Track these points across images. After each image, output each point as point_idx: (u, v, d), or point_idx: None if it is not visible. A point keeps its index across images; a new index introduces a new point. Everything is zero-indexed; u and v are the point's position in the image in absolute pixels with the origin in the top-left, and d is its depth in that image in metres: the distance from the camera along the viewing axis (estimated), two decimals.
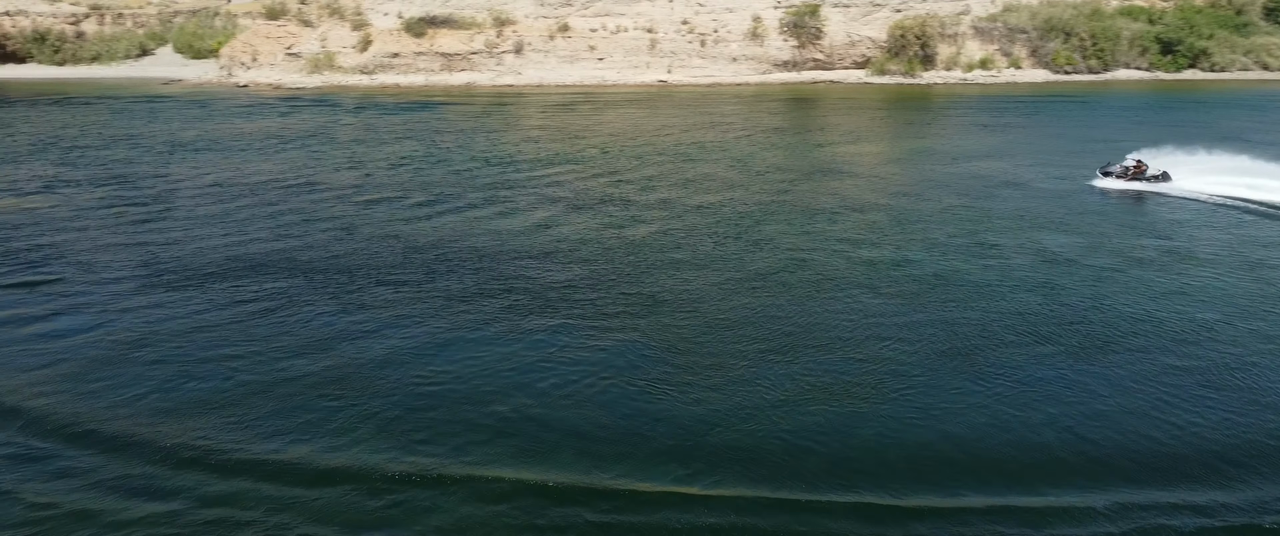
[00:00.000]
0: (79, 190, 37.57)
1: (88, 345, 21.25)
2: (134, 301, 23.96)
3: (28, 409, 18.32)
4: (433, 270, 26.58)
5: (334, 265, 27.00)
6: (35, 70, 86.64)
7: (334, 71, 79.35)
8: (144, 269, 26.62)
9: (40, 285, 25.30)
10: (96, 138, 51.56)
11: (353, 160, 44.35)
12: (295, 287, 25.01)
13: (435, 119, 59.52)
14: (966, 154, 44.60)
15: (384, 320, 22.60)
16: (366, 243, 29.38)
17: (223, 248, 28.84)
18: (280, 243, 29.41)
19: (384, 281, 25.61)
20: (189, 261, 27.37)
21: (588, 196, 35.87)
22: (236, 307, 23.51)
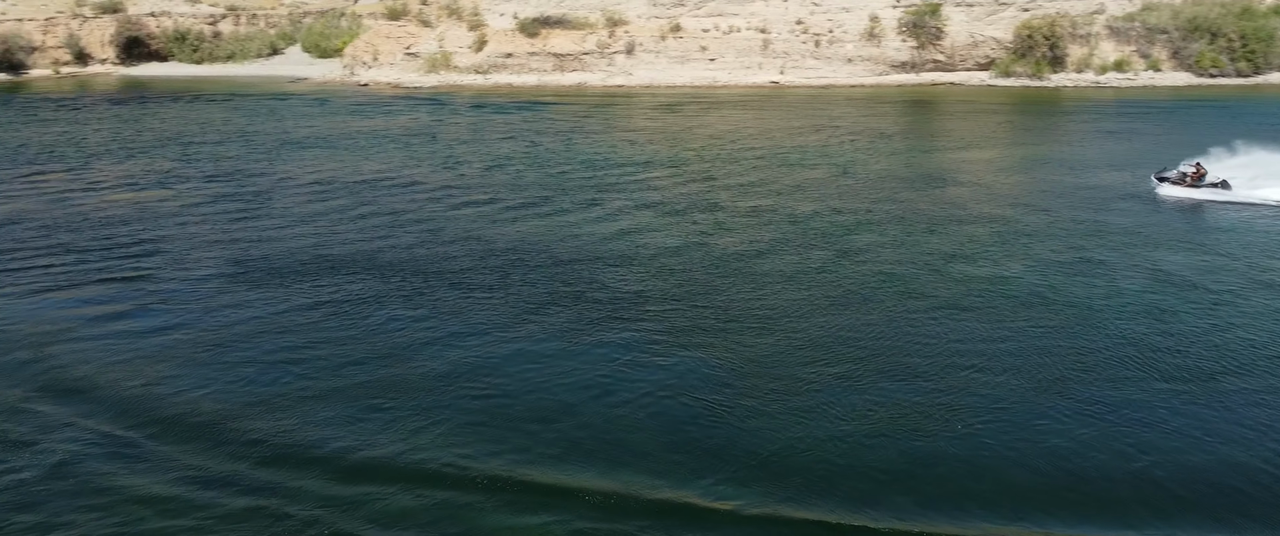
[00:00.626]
0: (189, 185, 39.05)
1: (168, 341, 21.80)
2: (218, 299, 24.51)
3: (108, 401, 18.87)
4: (508, 274, 26.35)
5: (413, 266, 27.08)
6: (175, 68, 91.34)
7: (450, 71, 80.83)
8: (232, 266, 27.26)
9: (133, 280, 26.16)
10: (217, 133, 53.70)
11: (450, 160, 44.76)
12: (373, 288, 25.18)
13: (540, 119, 59.78)
14: (1088, 163, 41.85)
15: (455, 324, 22.52)
16: (448, 244, 29.40)
17: (309, 246, 29.32)
18: (365, 242, 29.73)
19: (460, 284, 25.54)
20: (275, 259, 27.91)
21: (677, 202, 35.11)
22: (313, 306, 23.79)
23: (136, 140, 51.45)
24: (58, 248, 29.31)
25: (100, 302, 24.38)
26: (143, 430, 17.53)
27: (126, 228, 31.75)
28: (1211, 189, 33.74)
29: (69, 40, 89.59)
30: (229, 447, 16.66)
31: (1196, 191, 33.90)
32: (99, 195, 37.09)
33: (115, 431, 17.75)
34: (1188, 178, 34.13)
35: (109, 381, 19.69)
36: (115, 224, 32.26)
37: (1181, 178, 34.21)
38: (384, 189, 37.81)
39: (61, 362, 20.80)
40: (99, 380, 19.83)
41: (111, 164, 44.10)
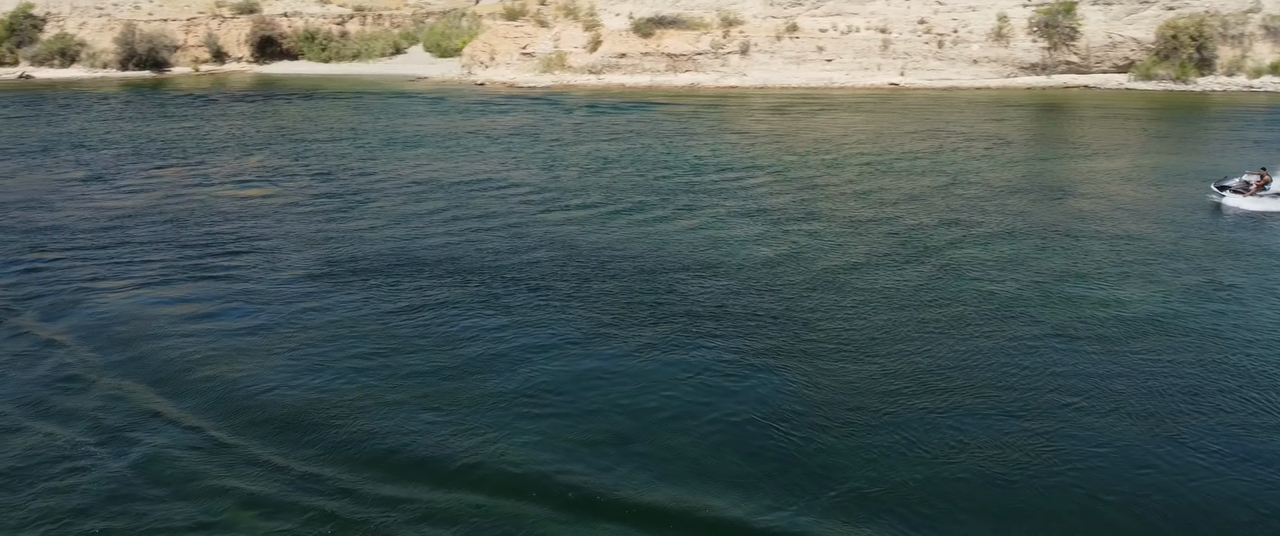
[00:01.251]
0: (294, 182, 39.88)
1: (252, 341, 21.98)
2: (303, 300, 24.65)
3: (192, 397, 19.12)
4: (591, 282, 25.74)
5: (497, 271, 26.78)
6: (304, 66, 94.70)
7: (564, 71, 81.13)
8: (322, 265, 27.45)
9: (225, 279, 26.57)
10: (330, 131, 55.04)
11: (549, 161, 44.52)
12: (454, 293, 24.97)
13: (647, 120, 59.15)
14: (1232, 176, 38.54)
15: (534, 334, 22.06)
16: (534, 249, 28.97)
17: (398, 248, 29.34)
18: (452, 245, 29.57)
19: (541, 290, 25.11)
20: (364, 260, 27.99)
21: (774, 209, 33.85)
22: (394, 311, 23.68)
23: (254, 136, 53.17)
24: (161, 243, 30.12)
25: (193, 300, 24.78)
26: (223, 427, 17.71)
27: (228, 225, 32.48)
28: (1276, 198, 31.48)
29: (208, 39, 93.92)
30: (302, 449, 16.67)
31: (1263, 202, 31.43)
32: (208, 191, 38.23)
33: (197, 426, 17.96)
34: (1252, 186, 31.73)
35: (194, 379, 19.89)
36: (218, 220, 33.06)
37: (1244, 186, 31.80)
38: (479, 190, 37.76)
39: (150, 358, 21.14)
40: (184, 377, 20.06)
41: (226, 159, 45.56)
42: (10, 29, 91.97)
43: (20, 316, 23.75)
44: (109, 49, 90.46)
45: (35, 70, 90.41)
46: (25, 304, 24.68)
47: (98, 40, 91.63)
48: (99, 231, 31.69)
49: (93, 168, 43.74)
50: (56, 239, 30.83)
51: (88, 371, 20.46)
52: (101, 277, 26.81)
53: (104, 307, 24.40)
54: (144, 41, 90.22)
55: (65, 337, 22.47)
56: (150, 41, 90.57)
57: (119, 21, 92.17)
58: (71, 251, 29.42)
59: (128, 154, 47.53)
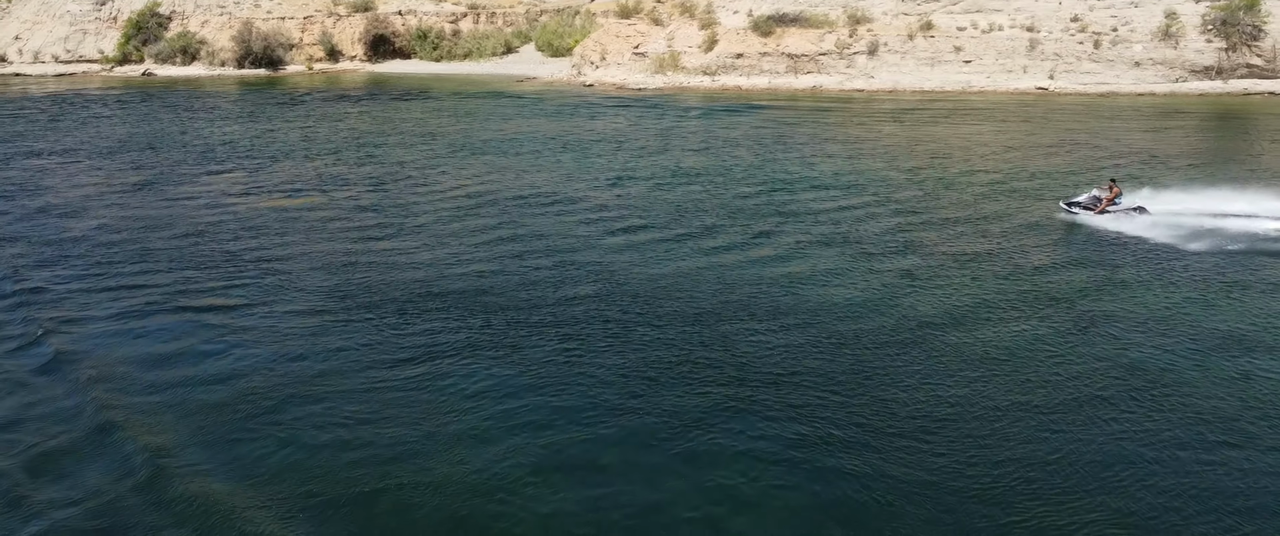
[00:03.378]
0: (343, 191, 36.40)
1: (226, 392, 18.27)
2: (294, 341, 20.82)
3: (105, 464, 15.59)
4: (633, 325, 21.15)
5: (526, 308, 22.47)
6: (415, 65, 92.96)
7: (677, 72, 76.26)
8: (331, 295, 23.63)
9: (222, 310, 22.80)
10: (408, 133, 51.72)
11: (623, 172, 39.70)
12: (470, 336, 20.88)
13: (751, 126, 53.62)
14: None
15: (554, 395, 17.89)
16: (577, 280, 24.42)
17: (423, 274, 25.24)
18: (486, 273, 25.20)
19: (574, 334, 20.74)
20: (381, 289, 23.98)
21: (867, 240, 28.13)
22: (394, 359, 19.76)
23: (328, 139, 50.30)
24: (173, 261, 26.72)
25: (169, 338, 21.02)
26: (150, 496, 14.58)
27: (253, 240, 28.93)
28: (1127, 214, 29.31)
29: (323, 37, 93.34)
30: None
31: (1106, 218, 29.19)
32: (253, 200, 35.05)
33: (117, 493, 14.84)
34: (1101, 201, 29.61)
35: (126, 441, 16.32)
36: (246, 235, 29.60)
37: (1094, 202, 29.70)
38: (536, 206, 33.27)
39: (85, 412, 17.55)
40: (116, 434, 16.56)
41: (288, 164, 42.59)
42: (137, 26, 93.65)
43: None
44: (227, 47, 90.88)
45: (158, 68, 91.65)
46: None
47: (217, 38, 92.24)
48: (118, 244, 28.65)
49: (151, 170, 41.47)
50: (71, 252, 27.92)
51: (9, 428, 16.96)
52: (90, 303, 23.48)
53: (71, 343, 20.96)
54: (260, 40, 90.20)
55: (22, 376, 19.21)
56: (266, 40, 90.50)
57: (238, 20, 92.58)
58: (77, 268, 26.38)
59: (194, 155, 45.26)
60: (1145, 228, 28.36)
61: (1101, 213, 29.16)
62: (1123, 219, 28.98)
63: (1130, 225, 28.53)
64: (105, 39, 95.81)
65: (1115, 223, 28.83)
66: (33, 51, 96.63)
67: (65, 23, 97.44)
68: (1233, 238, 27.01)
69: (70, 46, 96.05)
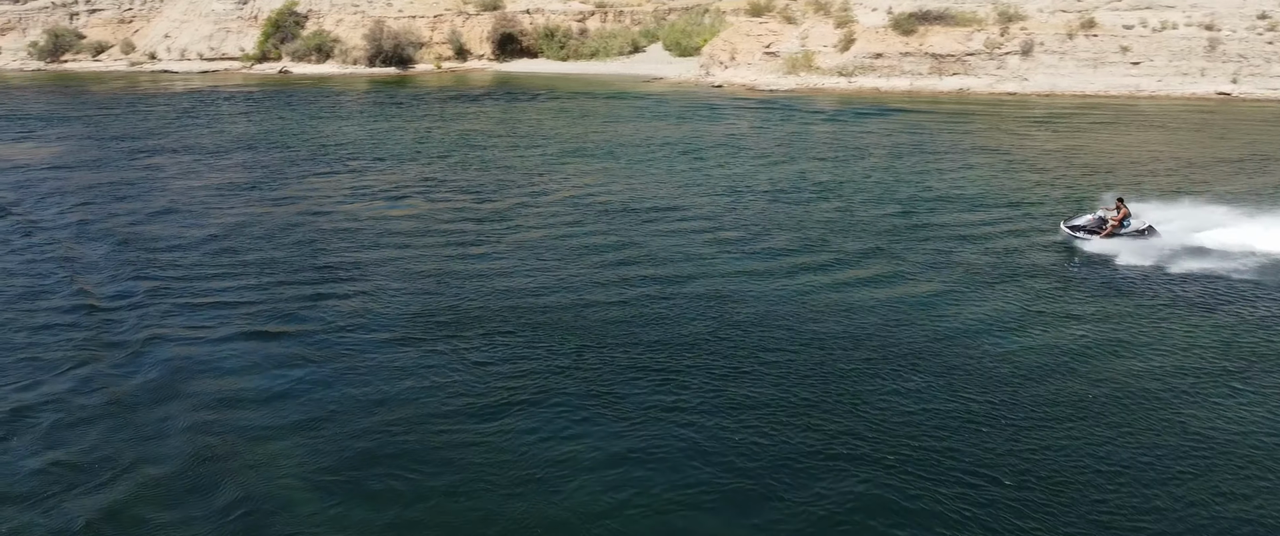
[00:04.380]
0: (447, 196, 34.52)
1: (277, 425, 16.37)
2: (371, 373, 18.77)
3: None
4: (740, 370, 18.02)
5: (623, 343, 20.00)
6: (541, 65, 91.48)
7: (810, 72, 72.09)
8: (418, 318, 21.67)
9: (290, 335, 20.62)
10: (522, 137, 49.51)
11: (738, 181, 36.39)
12: (560, 379, 18.09)
13: (889, 131, 49.21)
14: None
15: (649, 459, 15.05)
16: (680, 311, 21.52)
17: (518, 297, 22.86)
18: (583, 298, 22.49)
19: (673, 379, 17.95)
20: (471, 312, 21.82)
21: (1016, 272, 24.05)
22: (474, 402, 17.54)
23: (441, 141, 48.58)
24: (262, 273, 24.90)
25: (247, 362, 19.18)
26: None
27: (345, 252, 26.92)
28: (1136, 236, 25.84)
29: (452, 36, 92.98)
30: None
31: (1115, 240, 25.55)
32: (353, 206, 33.19)
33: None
34: (1108, 223, 26.12)
35: (184, 479, 14.55)
36: (340, 246, 27.62)
37: (1099, 224, 26.25)
38: (646, 219, 30.24)
39: (161, 446, 15.72)
40: (179, 475, 14.75)
41: (394, 167, 40.85)
42: (275, 25, 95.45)
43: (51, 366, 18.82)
44: (359, 46, 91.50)
45: (294, 65, 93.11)
46: (76, 347, 19.96)
47: (350, 37, 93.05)
48: (211, 253, 27.02)
49: (260, 171, 40.42)
50: (162, 259, 26.54)
51: (73, 454, 15.29)
52: (168, 319, 21.74)
53: (146, 361, 19.26)
54: (390, 38, 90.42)
55: (82, 400, 17.47)
56: (397, 38, 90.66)
57: (370, 18, 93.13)
58: (164, 276, 24.94)
59: (306, 156, 44.17)
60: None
61: (1109, 236, 25.73)
62: (1137, 244, 25.44)
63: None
64: (246, 37, 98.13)
65: (1119, 246, 25.31)
66: (180, 49, 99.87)
67: (210, 21, 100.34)
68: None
69: (213, 44, 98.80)
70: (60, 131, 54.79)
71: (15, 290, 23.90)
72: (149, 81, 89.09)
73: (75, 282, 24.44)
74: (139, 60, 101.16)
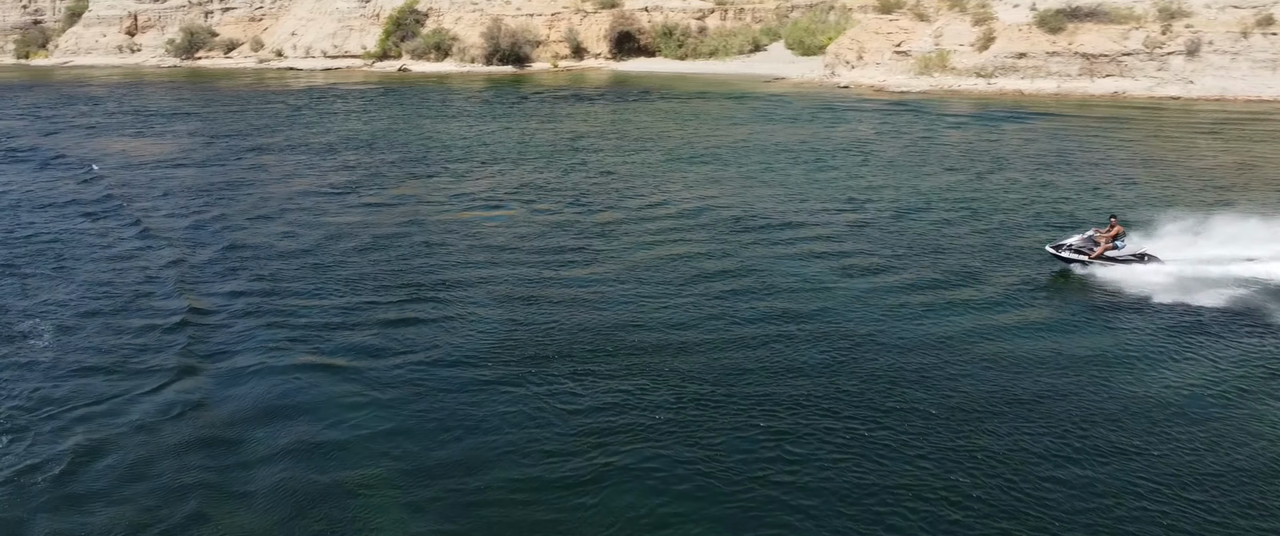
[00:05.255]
0: (546, 203, 32.44)
1: (350, 470, 14.23)
2: (459, 405, 16.76)
3: None
4: (870, 418, 14.87)
5: (739, 378, 17.67)
6: (658, 63, 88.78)
7: (945, 73, 67.22)
8: (509, 342, 19.76)
9: (380, 353, 18.60)
10: (632, 139, 46.79)
11: (869, 193, 32.99)
12: (664, 417, 16.15)
13: (1032, 136, 44.49)
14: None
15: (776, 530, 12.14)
16: (802, 344, 19.03)
17: (617, 317, 20.77)
18: (690, 320, 20.32)
19: (797, 429, 15.35)
20: (568, 336, 19.97)
21: (1189, 311, 19.65)
22: (574, 449, 15.03)
23: (548, 142, 46.33)
24: (346, 288, 23.00)
25: (315, 388, 17.33)
26: None
27: (436, 263, 24.90)
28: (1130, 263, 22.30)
29: (569, 34, 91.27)
30: None
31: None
32: (447, 211, 31.18)
33: None
34: (1099, 244, 22.67)
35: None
36: (431, 257, 25.56)
37: (1089, 245, 22.81)
38: (756, 232, 27.23)
39: (207, 482, 13.99)
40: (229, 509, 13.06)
41: (494, 171, 38.68)
42: (396, 23, 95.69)
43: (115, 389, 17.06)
44: (477, 44, 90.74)
45: (413, 63, 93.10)
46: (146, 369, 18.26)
47: (468, 35, 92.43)
48: (298, 267, 25.14)
49: (359, 172, 38.94)
50: (249, 270, 24.94)
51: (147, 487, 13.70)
52: (245, 334, 20.11)
53: (209, 385, 17.49)
54: (508, 36, 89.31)
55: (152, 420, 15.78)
56: (514, 36, 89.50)
57: (489, 16, 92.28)
58: (247, 285, 23.37)
59: (408, 156, 42.57)
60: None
61: (1098, 259, 22.57)
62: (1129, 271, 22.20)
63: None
64: (368, 35, 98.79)
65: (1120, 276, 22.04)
66: (305, 47, 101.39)
67: (334, 19, 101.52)
68: None
69: (337, 42, 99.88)
70: (177, 128, 55.05)
71: (102, 299, 22.58)
72: (274, 78, 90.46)
73: (161, 293, 22.99)
74: (267, 57, 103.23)
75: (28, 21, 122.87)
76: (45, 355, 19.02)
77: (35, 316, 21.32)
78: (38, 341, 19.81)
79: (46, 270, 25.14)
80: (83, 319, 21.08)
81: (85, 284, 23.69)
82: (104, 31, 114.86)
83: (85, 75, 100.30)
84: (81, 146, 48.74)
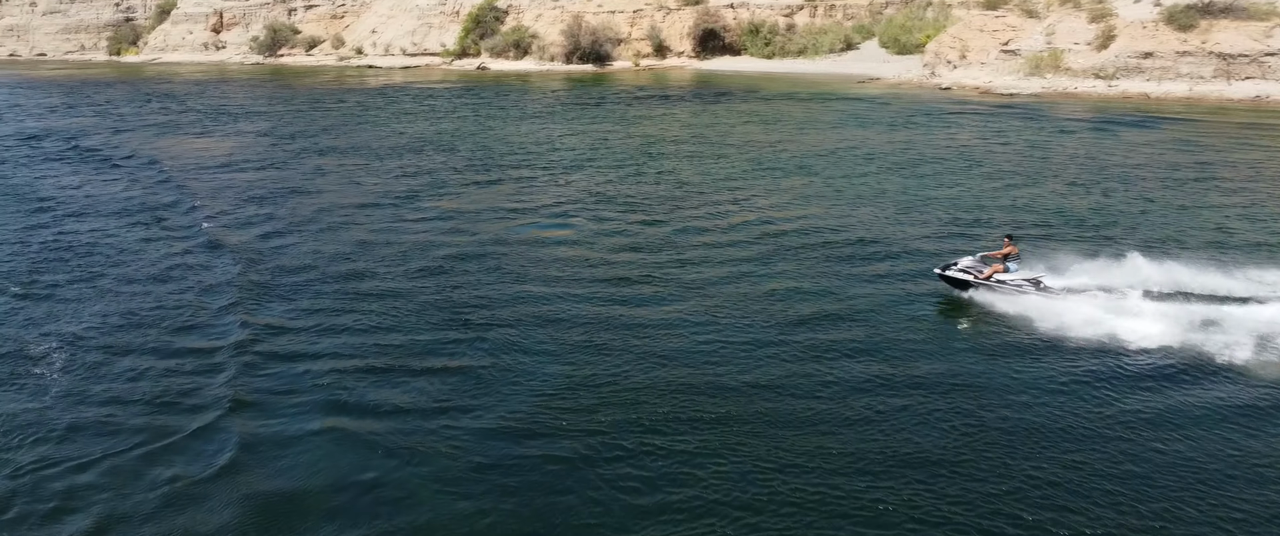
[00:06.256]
0: (615, 218, 29.19)
1: None
2: (501, 476, 13.16)
3: None
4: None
5: (826, 454, 13.54)
6: (744, 62, 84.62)
7: (1059, 73, 61.79)
8: (563, 395, 16.63)
9: (391, 412, 15.31)
10: (711, 144, 43.09)
11: (978, 212, 28.49)
12: (750, 514, 11.76)
13: (1162, 146, 39.38)
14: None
15: None
16: (899, 412, 14.99)
17: (687, 371, 17.70)
18: (773, 376, 17.02)
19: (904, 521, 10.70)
20: (631, 392, 16.92)
21: None
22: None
23: (621, 147, 42.86)
24: (388, 311, 20.38)
25: (337, 441, 14.67)
26: None
27: (491, 289, 21.74)
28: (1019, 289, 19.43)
29: (651, 32, 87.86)
30: None
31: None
32: (507, 224, 28.01)
33: None
34: (985, 269, 19.95)
35: None
36: (483, 279, 22.55)
37: (979, 267, 20.09)
38: (850, 259, 23.41)
39: None
40: None
41: (562, 178, 35.39)
42: (476, 20, 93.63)
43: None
44: (557, 42, 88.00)
45: (491, 62, 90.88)
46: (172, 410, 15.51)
47: (548, 32, 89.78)
48: (340, 284, 22.55)
49: (422, 177, 36.23)
50: (288, 286, 22.47)
51: None
52: (270, 370, 17.43)
53: (224, 434, 14.80)
54: (588, 34, 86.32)
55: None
56: (594, 34, 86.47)
57: (569, 13, 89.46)
58: (285, 314, 20.58)
59: (474, 162, 39.65)
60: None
61: (986, 281, 19.97)
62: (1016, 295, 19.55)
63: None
64: (447, 33, 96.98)
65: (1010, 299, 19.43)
66: (384, 44, 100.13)
67: (413, 16, 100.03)
68: None
69: (416, 40, 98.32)
70: (244, 127, 53.32)
71: (131, 327, 20.05)
72: (353, 76, 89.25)
73: (191, 323, 20.32)
74: (347, 55, 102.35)
75: (120, 19, 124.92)
76: (66, 388, 16.80)
77: (58, 339, 19.16)
78: (58, 371, 17.64)
79: (80, 285, 23.04)
80: (108, 347, 18.76)
81: (116, 305, 21.39)
82: (190, 29, 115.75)
83: (170, 72, 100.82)
84: (148, 146, 47.27)
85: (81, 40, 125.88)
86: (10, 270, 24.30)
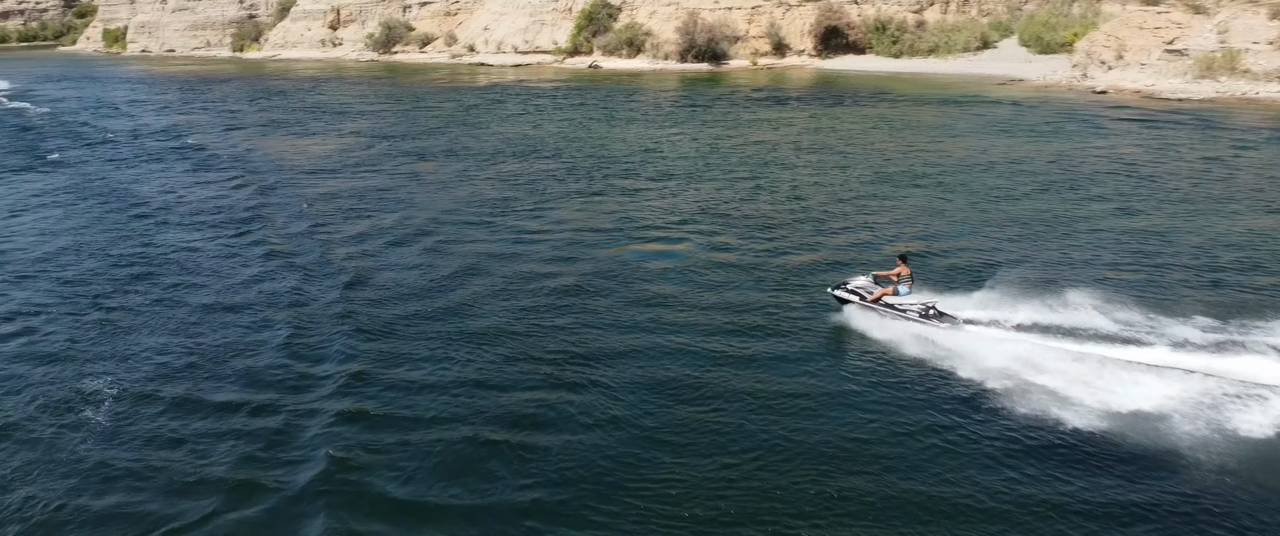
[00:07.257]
0: (726, 242, 25.76)
1: None
2: None
3: None
4: None
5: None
6: (869, 62, 79.42)
7: (1235, 76, 55.19)
8: (667, 455, 12.49)
9: (475, 477, 12.31)
10: (836, 149, 39.14)
11: (1139, 239, 24.17)
12: None
13: None
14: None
15: None
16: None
17: (806, 431, 13.17)
18: (902, 446, 12.20)
19: None
20: (741, 465, 12.27)
21: None
22: None
23: (735, 154, 39.16)
24: (468, 348, 17.87)
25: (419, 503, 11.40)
26: None
27: (581, 322, 19.13)
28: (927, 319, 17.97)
29: (770, 30, 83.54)
30: None
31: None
32: (603, 247, 24.73)
33: None
34: (874, 291, 18.85)
35: None
36: (574, 312, 19.84)
37: (871, 287, 19.07)
38: (990, 290, 19.09)
39: None
40: None
41: (669, 188, 32.13)
42: (589, 17, 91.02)
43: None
44: (671, 39, 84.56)
45: (604, 60, 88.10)
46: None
47: (662, 30, 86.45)
48: (416, 315, 20.31)
49: (521, 186, 33.59)
50: (372, 315, 20.33)
51: None
52: (354, 411, 15.34)
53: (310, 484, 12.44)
54: (704, 32, 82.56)
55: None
56: (710, 32, 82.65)
57: (684, 10, 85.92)
58: (350, 351, 18.38)
59: (576, 169, 36.63)
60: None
61: (875, 304, 18.53)
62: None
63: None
64: (559, 30, 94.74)
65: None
66: (496, 42, 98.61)
67: (525, 14, 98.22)
68: None
69: (528, 37, 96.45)
70: (345, 127, 51.78)
71: (190, 352, 18.08)
72: (465, 74, 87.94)
73: (279, 334, 18.84)
74: (459, 52, 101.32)
75: (243, 16, 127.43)
76: (114, 428, 15.32)
77: (108, 365, 17.55)
78: (109, 404, 16.09)
79: (165, 306, 21.39)
80: (188, 387, 16.80)
81: (199, 338, 19.38)
82: (309, 25, 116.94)
83: (288, 68, 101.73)
84: (253, 146, 46.07)
85: (207, 36, 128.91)
86: (95, 290, 22.69)
